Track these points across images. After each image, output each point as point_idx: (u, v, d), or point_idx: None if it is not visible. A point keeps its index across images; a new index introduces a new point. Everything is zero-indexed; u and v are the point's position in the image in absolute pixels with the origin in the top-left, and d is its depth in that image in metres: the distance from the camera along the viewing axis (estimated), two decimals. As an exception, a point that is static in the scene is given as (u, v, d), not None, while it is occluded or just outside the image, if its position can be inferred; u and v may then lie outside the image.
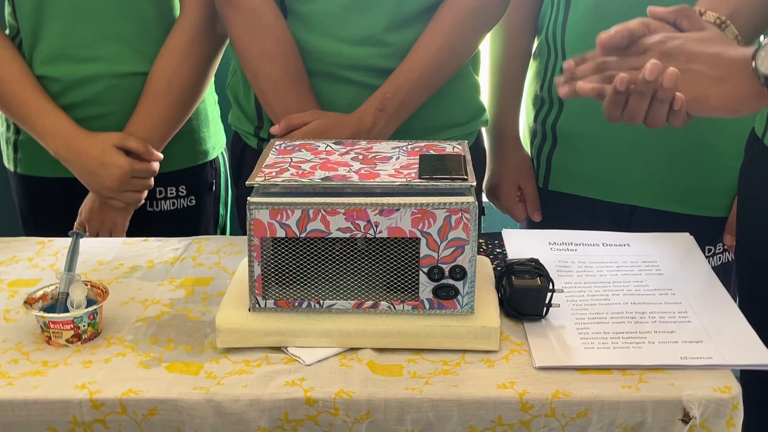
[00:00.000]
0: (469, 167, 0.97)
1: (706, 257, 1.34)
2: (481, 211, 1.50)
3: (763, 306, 1.17)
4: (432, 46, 1.27)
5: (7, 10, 1.44)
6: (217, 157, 1.59)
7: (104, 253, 1.20)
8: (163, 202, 1.52)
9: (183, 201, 1.54)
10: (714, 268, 1.14)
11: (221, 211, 1.62)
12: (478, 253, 1.15)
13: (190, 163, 1.53)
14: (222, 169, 1.60)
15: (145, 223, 1.48)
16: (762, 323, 1.02)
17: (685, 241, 1.17)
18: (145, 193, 1.43)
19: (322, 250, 0.95)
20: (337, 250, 0.95)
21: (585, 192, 1.39)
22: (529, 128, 1.49)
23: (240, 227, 1.47)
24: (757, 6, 1.08)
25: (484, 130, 1.47)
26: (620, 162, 1.36)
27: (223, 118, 1.59)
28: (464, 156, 1.00)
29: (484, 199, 1.58)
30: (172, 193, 1.52)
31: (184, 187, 1.53)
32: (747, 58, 0.92)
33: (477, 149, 1.45)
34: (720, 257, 1.39)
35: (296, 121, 1.27)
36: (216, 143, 1.58)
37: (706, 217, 1.34)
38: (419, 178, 0.94)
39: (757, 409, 1.17)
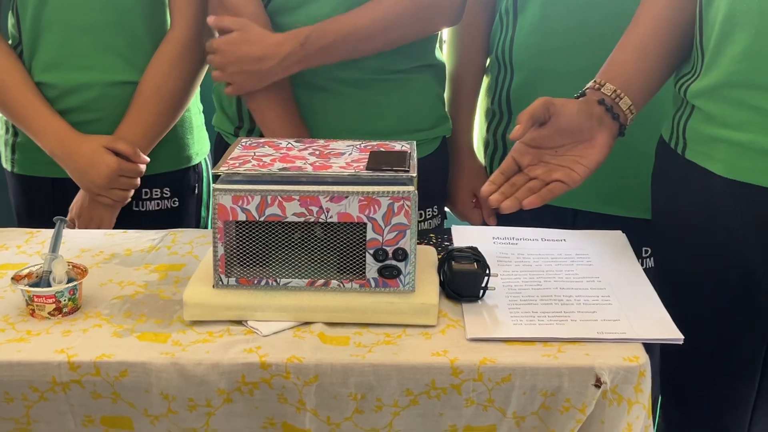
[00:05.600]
0: (413, 162, 1.07)
1: (644, 258, 1.44)
2: (443, 215, 1.60)
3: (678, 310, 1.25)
4: (368, 14, 1.35)
5: (11, 21, 1.56)
6: (200, 162, 1.69)
7: (86, 243, 1.30)
8: (148, 202, 1.62)
9: (167, 202, 1.63)
10: (649, 270, 1.22)
11: (203, 213, 1.71)
12: (428, 245, 1.25)
13: (175, 167, 1.63)
14: (204, 174, 1.70)
15: (131, 222, 1.57)
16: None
17: (617, 237, 1.27)
18: (132, 191, 1.53)
19: (280, 234, 1.06)
20: (293, 234, 1.06)
21: None
22: (482, 139, 1.59)
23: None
24: (648, 75, 1.20)
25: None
26: None
27: (207, 126, 1.70)
28: (409, 153, 1.11)
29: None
30: (157, 194, 1.62)
31: (168, 189, 1.62)
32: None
33: (442, 156, 1.55)
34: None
35: (226, 23, 1.36)
36: (199, 149, 1.68)
37: (645, 220, 1.44)
38: (366, 169, 1.05)
39: (673, 380, 1.27)
